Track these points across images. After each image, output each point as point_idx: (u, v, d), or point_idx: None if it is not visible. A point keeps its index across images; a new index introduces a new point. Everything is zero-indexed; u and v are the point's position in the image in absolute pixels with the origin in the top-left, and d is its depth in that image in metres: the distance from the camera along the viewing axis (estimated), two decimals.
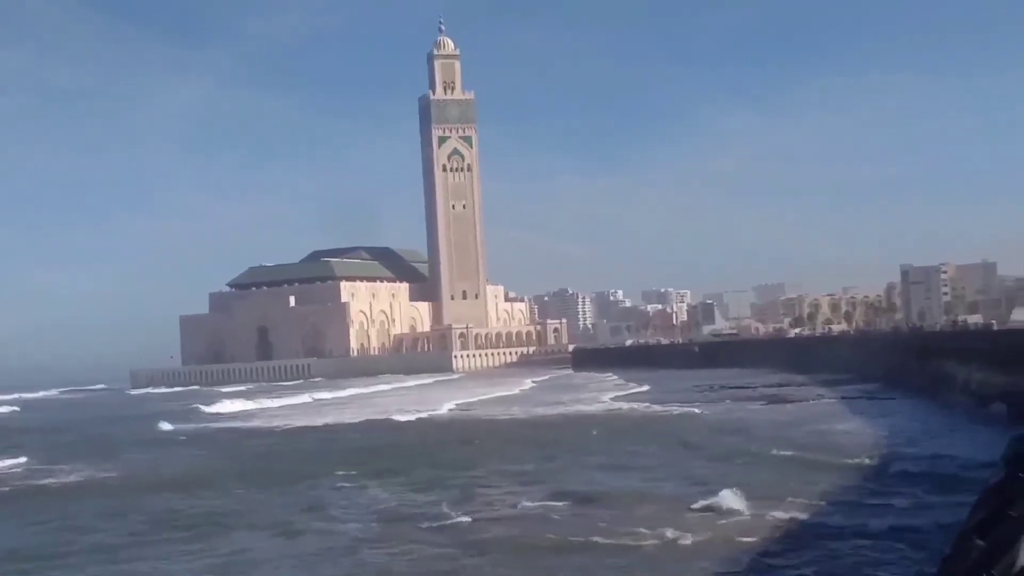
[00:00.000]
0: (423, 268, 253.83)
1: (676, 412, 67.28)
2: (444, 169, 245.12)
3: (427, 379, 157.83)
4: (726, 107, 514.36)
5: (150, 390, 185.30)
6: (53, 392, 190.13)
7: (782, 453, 41.15)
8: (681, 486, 34.06)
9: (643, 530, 26.27)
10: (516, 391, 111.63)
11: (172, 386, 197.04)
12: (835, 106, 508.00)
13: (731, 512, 27.96)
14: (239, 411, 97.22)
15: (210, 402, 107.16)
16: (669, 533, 25.68)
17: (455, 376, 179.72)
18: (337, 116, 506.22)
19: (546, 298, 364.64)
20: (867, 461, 38.16)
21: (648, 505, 30.39)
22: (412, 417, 73.82)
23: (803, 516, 27.38)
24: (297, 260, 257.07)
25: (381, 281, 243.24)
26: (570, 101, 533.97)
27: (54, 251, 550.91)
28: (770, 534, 25.38)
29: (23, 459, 52.77)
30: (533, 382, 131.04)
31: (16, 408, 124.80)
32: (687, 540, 25.08)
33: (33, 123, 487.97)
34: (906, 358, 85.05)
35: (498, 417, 73.28)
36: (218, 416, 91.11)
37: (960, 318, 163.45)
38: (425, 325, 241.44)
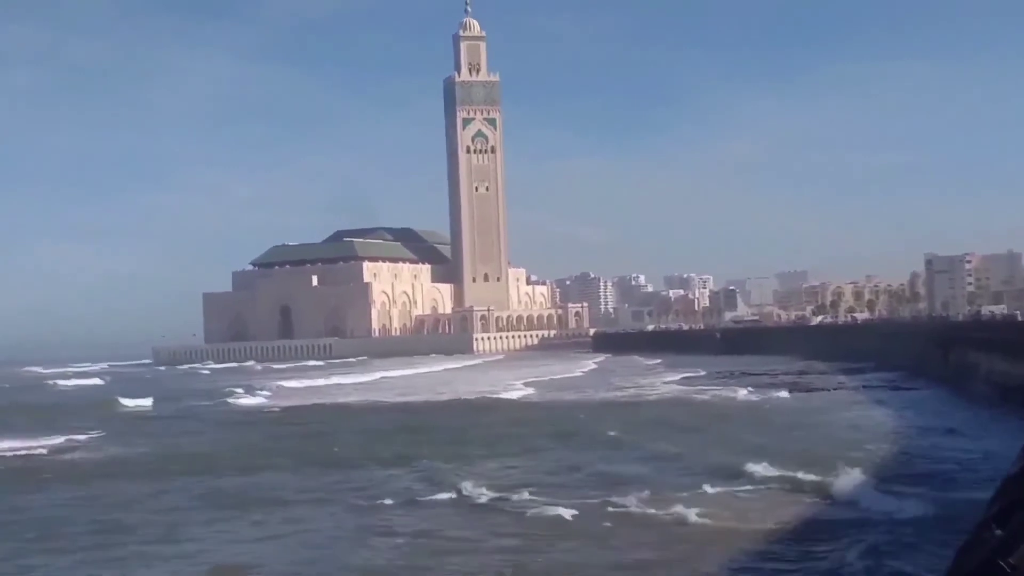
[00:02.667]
0: (445, 250, 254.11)
1: (772, 397, 65.70)
2: (468, 151, 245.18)
3: (474, 360, 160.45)
4: (749, 92, 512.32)
5: (196, 366, 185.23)
6: (103, 366, 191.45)
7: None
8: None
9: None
10: (578, 373, 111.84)
11: (194, 363, 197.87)
12: (858, 92, 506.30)
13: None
14: (317, 386, 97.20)
15: (280, 378, 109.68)
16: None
17: (497, 357, 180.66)
18: (361, 96, 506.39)
19: (568, 282, 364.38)
20: (886, 450, 38.05)
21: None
22: (515, 396, 74.61)
23: (817, 507, 27.33)
24: (320, 240, 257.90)
25: (403, 262, 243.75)
26: (593, 84, 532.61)
27: (75, 228, 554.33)
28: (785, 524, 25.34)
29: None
30: (594, 364, 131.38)
31: (102, 380, 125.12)
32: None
33: (54, 99, 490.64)
34: (929, 347, 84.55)
35: (588, 398, 72.96)
36: (305, 391, 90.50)
37: (984, 309, 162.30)
38: (447, 307, 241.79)
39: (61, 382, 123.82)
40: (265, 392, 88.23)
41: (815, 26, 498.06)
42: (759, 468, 32.17)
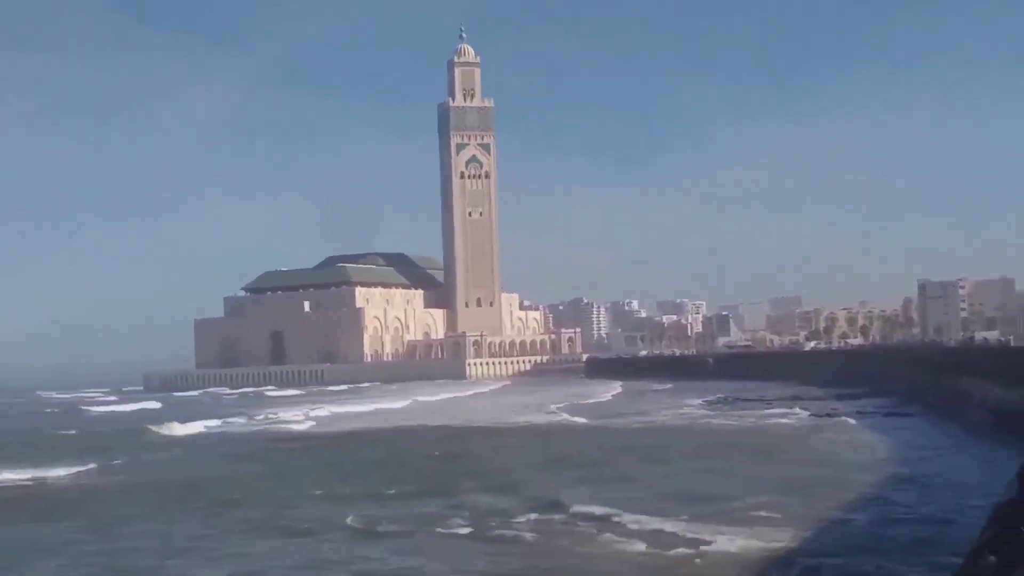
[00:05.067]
0: (438, 275, 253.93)
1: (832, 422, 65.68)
2: (462, 176, 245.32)
3: (490, 385, 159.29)
4: (742, 118, 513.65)
5: (213, 389, 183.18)
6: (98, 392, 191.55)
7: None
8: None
9: None
10: (608, 397, 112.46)
11: (185, 390, 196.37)
12: (853, 119, 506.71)
13: None
14: (361, 412, 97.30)
15: (311, 403, 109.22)
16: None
17: (504, 383, 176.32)
18: (355, 121, 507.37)
19: (561, 307, 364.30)
20: (884, 476, 37.77)
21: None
22: (586, 421, 75.19)
23: (810, 535, 26.99)
24: (312, 265, 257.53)
25: (396, 287, 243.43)
26: (587, 110, 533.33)
27: (65, 252, 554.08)
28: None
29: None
30: (621, 387, 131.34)
31: (158, 404, 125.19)
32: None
33: (51, 124, 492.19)
34: (923, 373, 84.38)
35: (648, 421, 73.49)
36: (351, 416, 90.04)
37: (979, 335, 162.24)
38: (439, 332, 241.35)
39: (100, 408, 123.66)
40: (307, 418, 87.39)
41: (811, 54, 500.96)
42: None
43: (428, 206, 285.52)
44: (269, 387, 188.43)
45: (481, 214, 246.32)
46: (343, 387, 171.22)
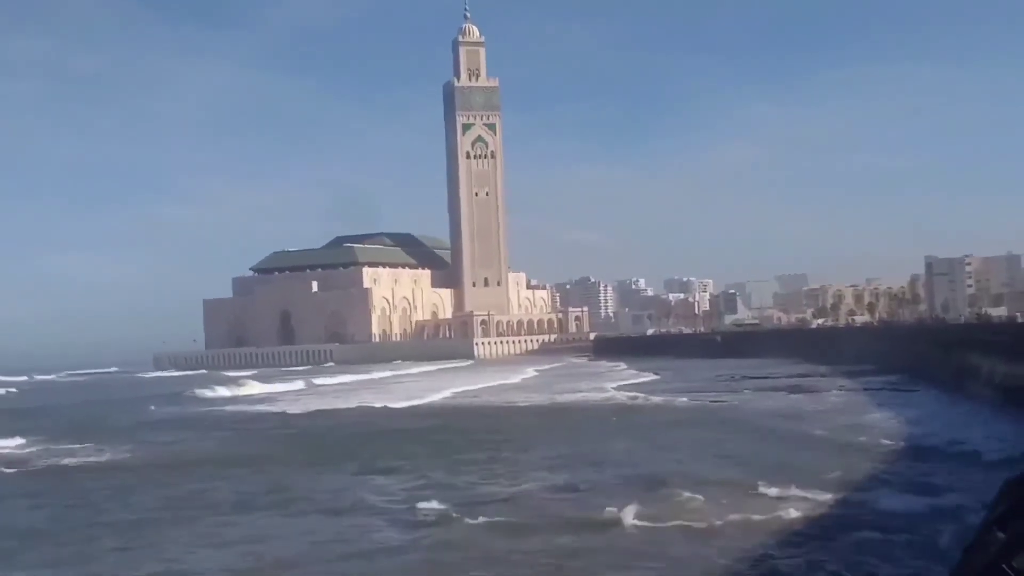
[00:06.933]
0: (445, 254, 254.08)
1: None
2: (468, 156, 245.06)
3: (525, 366, 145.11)
4: (748, 96, 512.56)
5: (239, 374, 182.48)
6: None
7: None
8: None
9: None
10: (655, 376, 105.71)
11: (196, 369, 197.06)
12: (857, 95, 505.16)
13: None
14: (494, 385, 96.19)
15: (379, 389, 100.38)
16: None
17: (532, 368, 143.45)
18: (361, 102, 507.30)
19: (568, 286, 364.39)
20: (893, 448, 38.21)
21: None
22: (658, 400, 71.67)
23: (831, 504, 27.42)
24: (320, 245, 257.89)
25: (403, 267, 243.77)
26: (592, 89, 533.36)
27: (77, 237, 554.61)
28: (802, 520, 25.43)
29: None
30: (662, 370, 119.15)
31: (301, 384, 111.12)
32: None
33: (54, 109, 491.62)
34: (929, 350, 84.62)
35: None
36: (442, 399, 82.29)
37: (984, 310, 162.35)
38: (447, 311, 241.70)
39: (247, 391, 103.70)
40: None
41: (814, 30, 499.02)
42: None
43: (435, 186, 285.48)
44: (329, 363, 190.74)
45: (487, 194, 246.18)
46: (387, 373, 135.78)
